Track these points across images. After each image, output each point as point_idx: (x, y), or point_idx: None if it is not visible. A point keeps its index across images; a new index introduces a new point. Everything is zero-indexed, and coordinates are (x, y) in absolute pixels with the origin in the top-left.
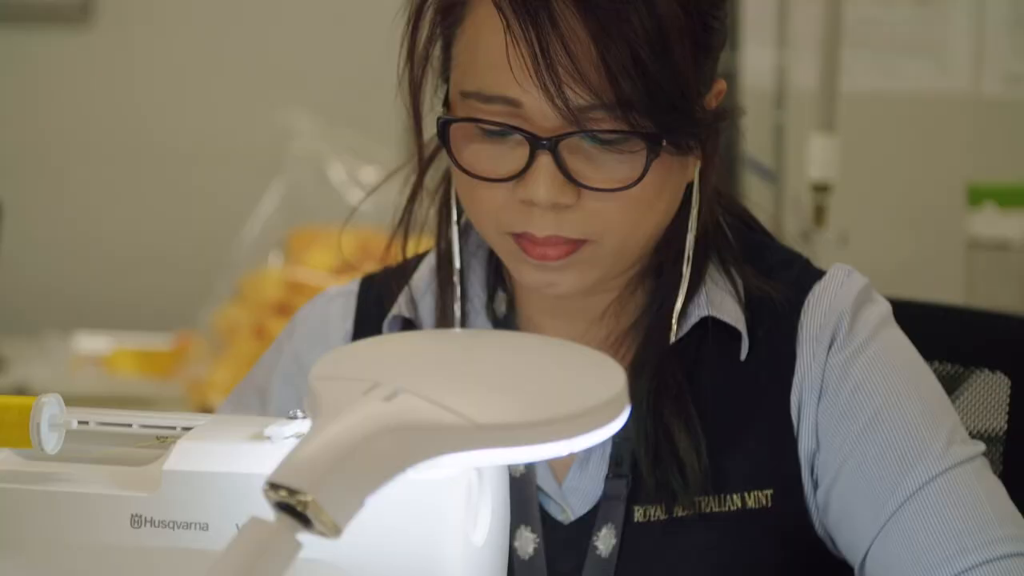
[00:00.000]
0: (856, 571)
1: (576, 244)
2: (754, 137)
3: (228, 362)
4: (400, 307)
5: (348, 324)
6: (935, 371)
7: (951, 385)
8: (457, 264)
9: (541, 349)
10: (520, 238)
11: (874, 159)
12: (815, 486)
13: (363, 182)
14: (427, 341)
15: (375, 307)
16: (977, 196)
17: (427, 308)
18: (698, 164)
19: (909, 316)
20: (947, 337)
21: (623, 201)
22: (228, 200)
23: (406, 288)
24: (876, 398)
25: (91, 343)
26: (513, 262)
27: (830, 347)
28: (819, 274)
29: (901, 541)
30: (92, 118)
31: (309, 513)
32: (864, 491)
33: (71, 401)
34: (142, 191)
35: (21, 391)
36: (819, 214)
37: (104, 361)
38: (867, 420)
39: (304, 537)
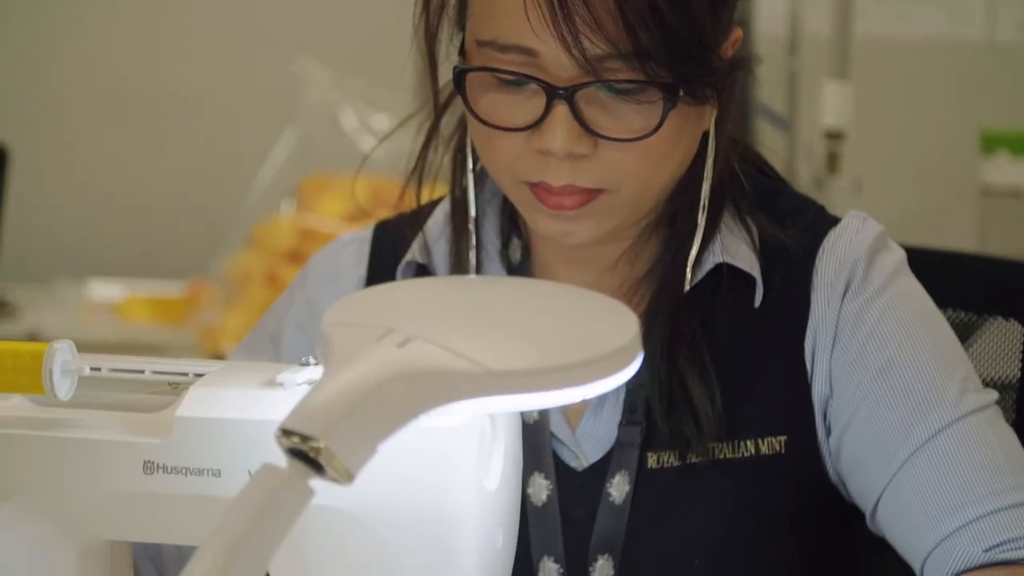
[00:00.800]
0: (868, 518)
1: (592, 193)
2: (767, 84)
3: (240, 309)
4: (414, 253)
5: (361, 270)
6: (948, 319)
7: (964, 333)
8: (472, 212)
9: (555, 296)
10: (536, 187)
11: (888, 106)
12: (828, 432)
13: (375, 130)
14: (440, 287)
15: (389, 253)
16: (990, 143)
17: (441, 254)
18: (714, 113)
19: (922, 264)
20: (960, 285)
21: (639, 151)
22: (240, 148)
23: (420, 234)
24: (890, 345)
25: (103, 290)
26: (529, 211)
27: (845, 294)
28: (834, 221)
29: (912, 489)
30: (105, 66)
31: (322, 459)
32: (876, 438)
33: (83, 348)
34: (155, 139)
35: (33, 338)
36: (832, 161)
37: (116, 308)
38: (880, 367)
39: (316, 484)
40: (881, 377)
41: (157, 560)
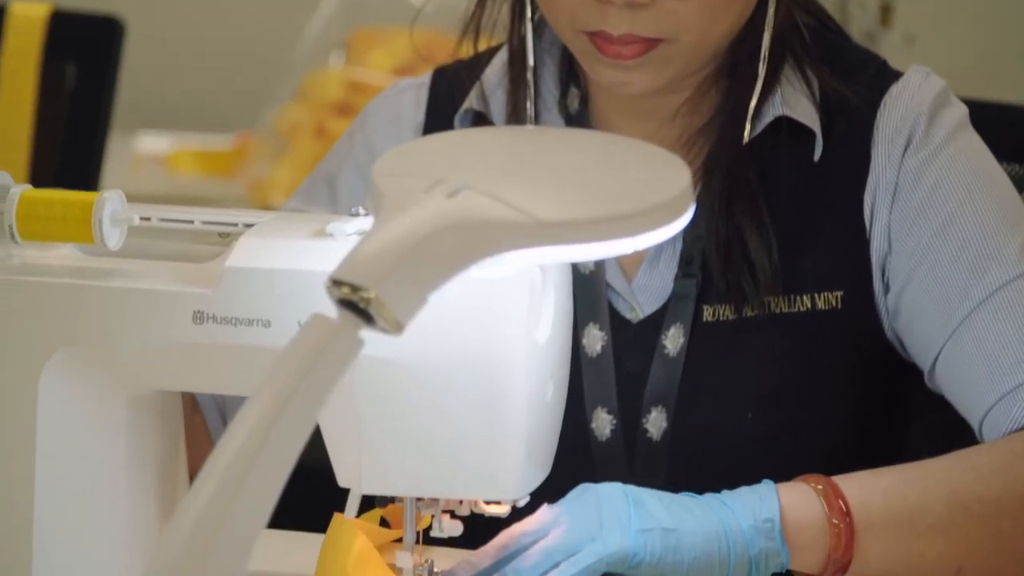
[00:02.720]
0: (926, 375)
1: (651, 43)
2: None
3: (289, 162)
4: (472, 101)
5: (420, 116)
6: (1004, 172)
7: (1021, 186)
8: (530, 61)
9: (607, 147)
10: (595, 36)
11: None
12: (886, 289)
13: None
14: (492, 138)
15: (447, 99)
16: None
17: (499, 103)
18: None
19: (976, 117)
20: (1015, 137)
21: (699, 0)
22: (289, 0)
23: (478, 83)
24: (951, 201)
25: (152, 143)
26: (587, 61)
27: (906, 148)
28: (896, 75)
29: (972, 345)
30: None
31: (371, 309)
32: (936, 294)
33: (132, 200)
34: None
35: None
36: (885, 14)
37: (165, 161)
38: (942, 222)
39: (366, 334)
40: (942, 233)
41: (223, 407)
